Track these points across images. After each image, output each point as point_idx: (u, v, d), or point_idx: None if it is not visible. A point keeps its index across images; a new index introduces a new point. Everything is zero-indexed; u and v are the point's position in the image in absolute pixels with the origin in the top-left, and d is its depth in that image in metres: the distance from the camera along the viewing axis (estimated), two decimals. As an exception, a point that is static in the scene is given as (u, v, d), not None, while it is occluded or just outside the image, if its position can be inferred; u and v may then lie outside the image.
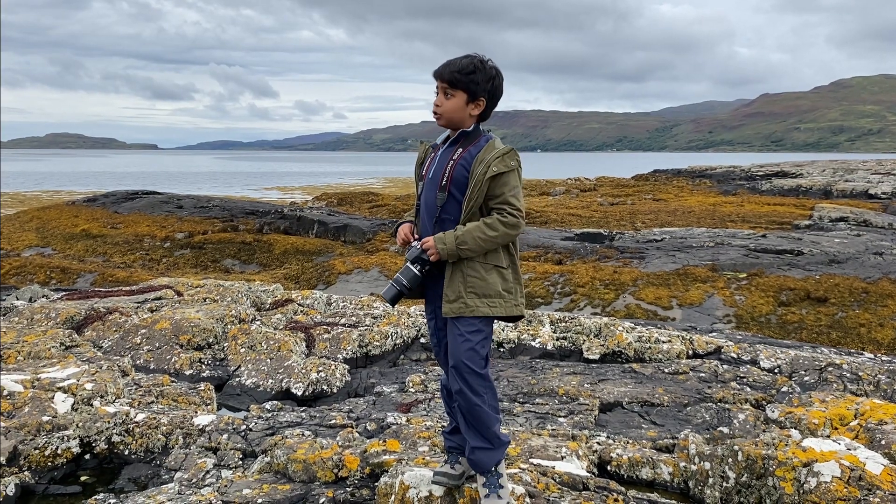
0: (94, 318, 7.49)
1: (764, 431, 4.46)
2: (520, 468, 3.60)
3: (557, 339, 7.31)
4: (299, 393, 6.14)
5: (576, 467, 3.74)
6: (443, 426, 4.52)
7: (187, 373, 6.54)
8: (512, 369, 6.46)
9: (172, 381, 5.84)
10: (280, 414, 5.05)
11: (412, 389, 5.97)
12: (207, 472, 4.19)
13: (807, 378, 6.00)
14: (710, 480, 3.73)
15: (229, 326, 7.29)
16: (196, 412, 5.16)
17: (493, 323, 3.17)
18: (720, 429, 4.69)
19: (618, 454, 4.14)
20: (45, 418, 4.59)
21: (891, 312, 11.99)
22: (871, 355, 7.80)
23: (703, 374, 6.11)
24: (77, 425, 4.60)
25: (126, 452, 4.61)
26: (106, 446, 4.61)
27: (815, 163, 52.62)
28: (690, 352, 6.94)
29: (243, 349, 6.83)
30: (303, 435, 4.34)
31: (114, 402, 5.14)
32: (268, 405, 5.31)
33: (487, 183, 2.96)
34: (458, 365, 3.03)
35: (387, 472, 3.53)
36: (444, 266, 3.05)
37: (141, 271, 19.01)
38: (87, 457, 4.56)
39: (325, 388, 6.22)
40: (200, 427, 4.78)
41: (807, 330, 11.80)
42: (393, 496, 3.29)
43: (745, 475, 3.62)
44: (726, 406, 5.31)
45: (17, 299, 9.02)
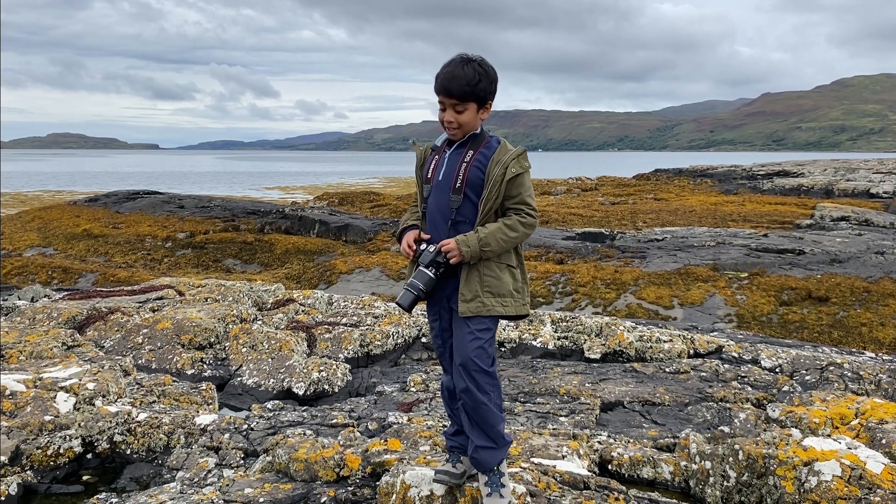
0: (95, 317, 7.50)
1: (765, 430, 4.46)
2: (521, 467, 3.61)
3: (559, 339, 7.31)
4: (301, 392, 6.15)
5: (577, 466, 3.74)
6: (444, 426, 4.53)
7: (189, 372, 6.55)
8: (513, 369, 6.46)
9: (174, 381, 5.85)
10: (281, 413, 5.06)
11: (413, 389, 5.98)
12: (209, 471, 4.20)
13: (808, 377, 6.00)
14: (711, 479, 3.73)
15: (231, 326, 7.30)
16: (198, 412, 5.17)
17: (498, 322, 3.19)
18: (721, 428, 4.69)
19: (619, 453, 4.14)
20: (48, 418, 4.60)
21: (892, 312, 11.98)
22: (873, 355, 7.80)
23: (704, 374, 6.11)
24: (79, 425, 4.61)
25: (128, 452, 4.62)
26: (108, 446, 4.61)
27: (817, 162, 52.61)
28: (692, 351, 6.94)
29: (245, 349, 6.84)
30: (304, 434, 4.35)
31: (116, 401, 5.15)
32: (269, 405, 5.31)
33: (506, 184, 2.99)
34: (466, 363, 3.03)
35: (388, 471, 3.54)
36: (453, 268, 3.05)
37: (142, 271, 19.03)
38: (89, 456, 4.57)
39: (326, 387, 6.23)
40: (202, 426, 4.79)
41: (808, 329, 11.80)
42: (394, 495, 3.30)
43: (746, 474, 3.62)
44: (727, 405, 5.32)
45: (19, 299, 9.04)
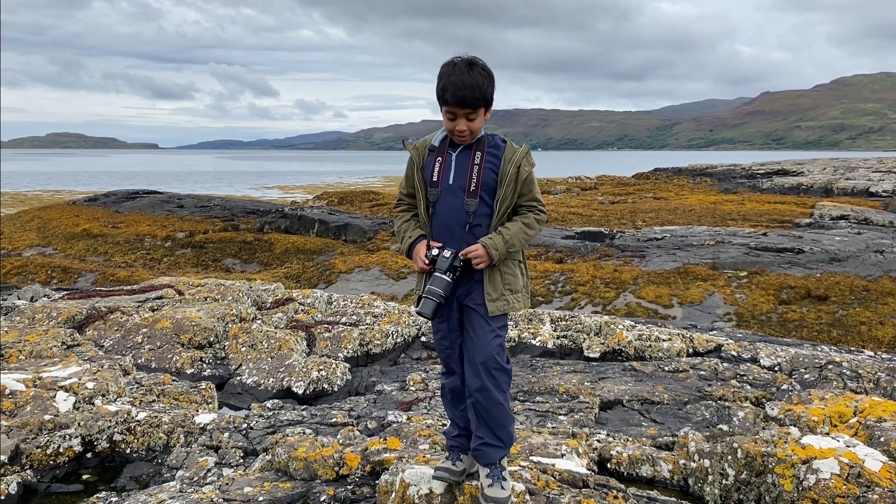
0: (95, 317, 7.50)
1: (763, 429, 4.47)
2: (520, 465, 3.61)
3: (558, 338, 7.32)
4: (300, 391, 6.16)
5: (576, 465, 3.75)
6: (443, 424, 4.54)
7: (188, 372, 6.56)
8: (512, 367, 6.46)
9: (174, 380, 5.85)
10: (281, 412, 5.06)
11: (413, 388, 5.99)
12: (209, 470, 4.20)
13: (807, 376, 6.00)
14: (710, 478, 3.74)
15: (230, 325, 7.30)
16: (197, 411, 5.18)
17: None
18: (720, 426, 4.70)
19: (618, 452, 4.15)
20: (47, 417, 4.60)
21: (891, 310, 11.99)
22: (872, 353, 7.81)
23: (703, 373, 6.12)
24: (79, 424, 4.61)
25: (128, 451, 4.63)
26: (107, 445, 4.62)
27: (816, 161, 52.60)
28: (691, 350, 6.95)
29: (244, 348, 6.85)
30: (304, 433, 4.35)
31: (115, 400, 5.16)
32: (269, 404, 5.32)
33: (521, 183, 3.01)
34: (487, 361, 3.02)
35: (387, 469, 3.54)
36: (466, 269, 3.03)
37: (142, 270, 19.03)
38: (88, 455, 4.58)
39: (325, 386, 6.24)
40: (202, 426, 4.79)
41: (807, 328, 11.81)
42: (394, 494, 3.30)
43: (745, 472, 3.63)
44: (726, 404, 5.32)
45: (19, 299, 9.04)
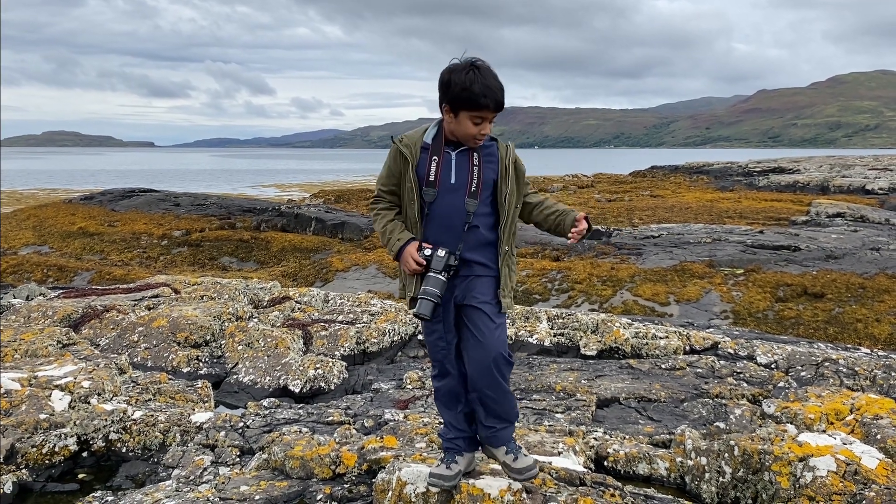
0: (91, 315, 7.48)
1: (760, 426, 4.47)
2: (517, 464, 3.61)
3: (555, 336, 7.32)
4: (297, 390, 6.15)
5: (573, 463, 3.74)
6: (440, 423, 4.53)
7: (185, 370, 6.55)
8: (509, 365, 6.46)
9: (170, 379, 5.84)
10: (277, 411, 5.05)
11: (410, 386, 5.98)
12: (205, 469, 4.20)
13: (803, 373, 6.01)
14: (707, 475, 3.74)
15: (227, 324, 7.29)
16: (193, 409, 5.17)
17: None
18: (717, 424, 4.70)
19: (615, 449, 4.15)
20: (43, 416, 4.59)
21: (887, 308, 12.01)
22: (868, 350, 7.82)
23: (699, 370, 6.12)
24: (74, 423, 4.60)
25: (123, 450, 4.62)
26: (103, 444, 4.61)
27: (813, 159, 52.67)
28: (687, 347, 6.95)
29: (241, 347, 6.84)
30: (300, 432, 4.34)
31: (111, 399, 5.14)
32: (265, 402, 5.31)
33: (521, 179, 3.12)
34: (497, 357, 3.03)
35: (384, 468, 3.54)
36: (458, 269, 3.02)
37: (138, 269, 18.99)
38: (84, 454, 4.57)
39: (322, 385, 6.23)
40: (198, 424, 4.78)
41: (804, 325, 11.82)
42: (390, 492, 3.30)
43: (742, 470, 3.63)
44: (723, 401, 5.32)
45: (15, 297, 9.01)
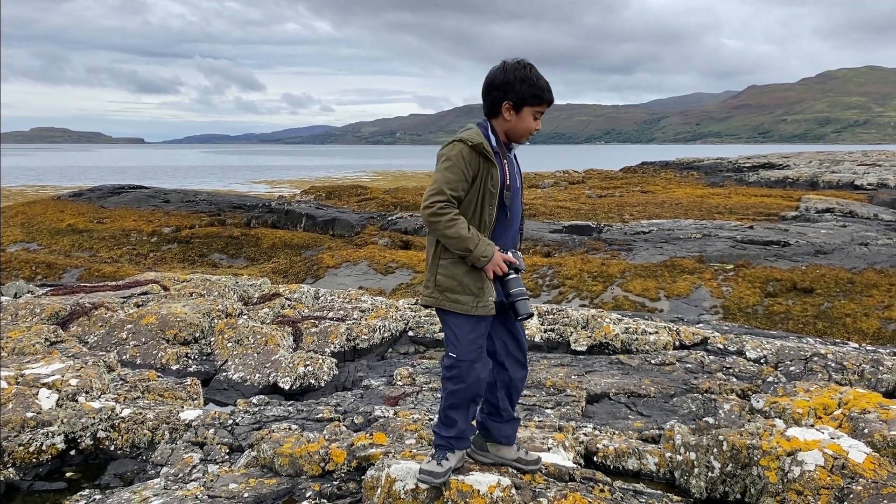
0: (79, 313, 7.44)
1: (749, 421, 4.49)
2: (506, 460, 3.61)
3: (545, 332, 7.32)
4: (286, 387, 6.13)
5: (562, 458, 3.75)
6: (430, 419, 4.52)
7: (174, 368, 6.52)
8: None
9: (159, 376, 5.81)
10: (267, 408, 5.04)
11: (400, 383, 5.97)
12: (194, 466, 4.18)
13: (792, 368, 6.03)
14: (696, 470, 3.75)
15: (216, 321, 7.26)
16: (182, 407, 5.14)
17: None
18: (706, 419, 4.71)
19: (604, 445, 4.15)
20: (30, 414, 4.55)
21: (875, 302, 12.08)
22: (856, 345, 7.86)
23: (689, 365, 6.14)
24: (62, 421, 4.57)
25: (112, 448, 4.59)
26: (91, 442, 4.58)
27: (802, 154, 52.90)
28: (677, 343, 6.96)
29: (230, 344, 6.81)
30: (290, 429, 4.33)
31: (99, 397, 5.11)
32: (255, 399, 5.29)
33: None
34: (525, 350, 3.36)
35: (373, 465, 3.53)
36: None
37: (128, 266, 18.90)
38: (72, 453, 4.54)
39: (312, 381, 6.21)
40: (187, 422, 4.76)
41: (793, 320, 11.88)
42: (379, 489, 3.29)
43: (730, 465, 3.64)
44: (712, 396, 5.34)
45: (2, 295, 8.95)
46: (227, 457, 4.31)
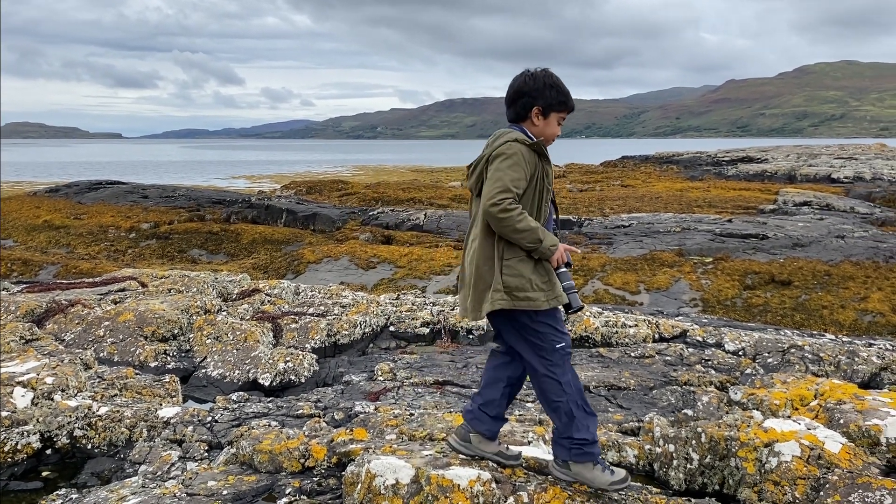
0: (55, 310, 7.34)
1: (727, 413, 4.52)
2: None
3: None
4: (266, 383, 6.09)
5: (542, 452, 3.75)
6: (411, 414, 4.51)
7: (152, 365, 6.45)
8: (481, 356, 6.47)
9: (137, 374, 5.75)
10: (246, 405, 5.01)
11: (381, 378, 5.96)
12: (172, 464, 4.14)
13: (770, 360, 6.10)
14: (675, 462, 3.78)
15: (195, 317, 7.20)
16: (161, 404, 5.10)
17: None
18: (684, 411, 4.74)
19: (584, 438, 4.16)
20: (4, 413, 4.49)
21: (852, 294, 12.24)
22: (833, 336, 7.95)
23: (668, 358, 6.18)
24: (37, 420, 4.51)
25: (89, 447, 4.54)
26: (68, 441, 4.53)
27: (780, 148, 53.35)
28: (657, 336, 7.01)
29: (209, 340, 6.76)
30: (269, 425, 4.30)
31: (76, 395, 5.05)
32: (234, 396, 5.26)
33: None
34: None
35: (354, 461, 3.52)
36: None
37: (106, 262, 18.69)
38: (48, 452, 4.48)
39: (292, 378, 6.18)
40: (165, 419, 4.72)
41: (771, 312, 12.00)
42: (359, 485, 3.28)
43: (709, 456, 3.66)
44: (691, 389, 5.38)
45: (-24, 293, 8.81)
46: (206, 454, 4.28)
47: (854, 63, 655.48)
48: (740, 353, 6.38)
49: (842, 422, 3.89)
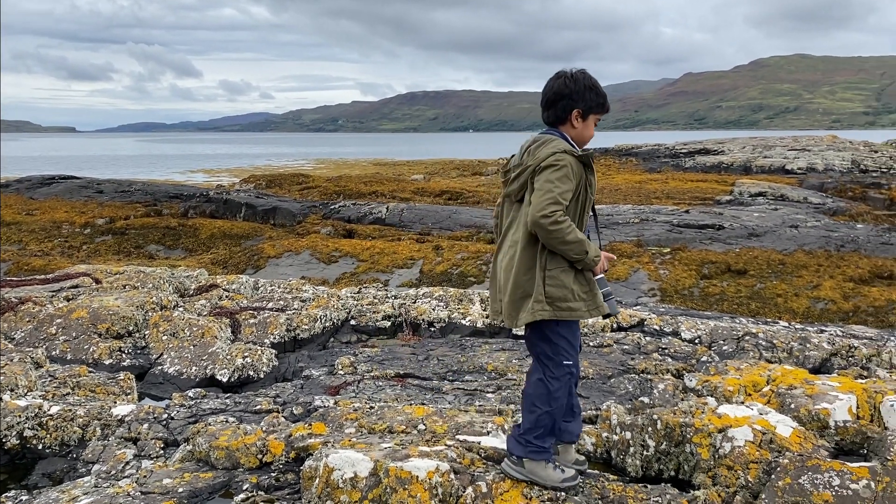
0: (4, 308, 7.15)
1: (682, 400, 4.60)
2: (446, 445, 3.62)
3: (487, 317, 7.36)
4: (224, 379, 6.02)
5: (501, 442, 3.77)
6: (371, 407, 4.50)
7: (106, 362, 6.33)
8: (442, 348, 6.48)
9: (90, 372, 5.63)
10: (203, 401, 4.94)
11: (342, 372, 5.93)
12: (127, 463, 4.07)
13: (725, 347, 6.21)
14: (632, 449, 3.82)
15: (150, 314, 7.07)
16: (115, 402, 5.00)
17: None
18: (641, 399, 4.81)
19: (543, 428, 4.19)
20: (-50, 415, 4.36)
21: (805, 282, 12.52)
22: (786, 324, 8.13)
23: (626, 347, 6.26)
24: (-15, 421, 4.39)
25: (39, 447, 4.43)
26: (17, 441, 4.41)
27: (736, 140, 54.25)
28: (615, 325, 7.09)
29: (165, 336, 6.64)
30: (226, 421, 4.25)
31: (26, 395, 4.93)
32: (191, 393, 5.18)
33: None
34: None
35: (312, 455, 3.49)
36: None
37: (60, 259, 18.25)
38: (-3, 453, 4.37)
39: (251, 373, 6.11)
40: (119, 417, 4.63)
41: (728, 301, 12.22)
42: (317, 479, 3.26)
43: (664, 443, 3.72)
44: (648, 377, 5.45)
45: (-79, 291, 8.54)
46: (161, 452, 4.21)
47: (807, 56, 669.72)
48: (696, 342, 6.48)
49: (793, 406, 3.97)
